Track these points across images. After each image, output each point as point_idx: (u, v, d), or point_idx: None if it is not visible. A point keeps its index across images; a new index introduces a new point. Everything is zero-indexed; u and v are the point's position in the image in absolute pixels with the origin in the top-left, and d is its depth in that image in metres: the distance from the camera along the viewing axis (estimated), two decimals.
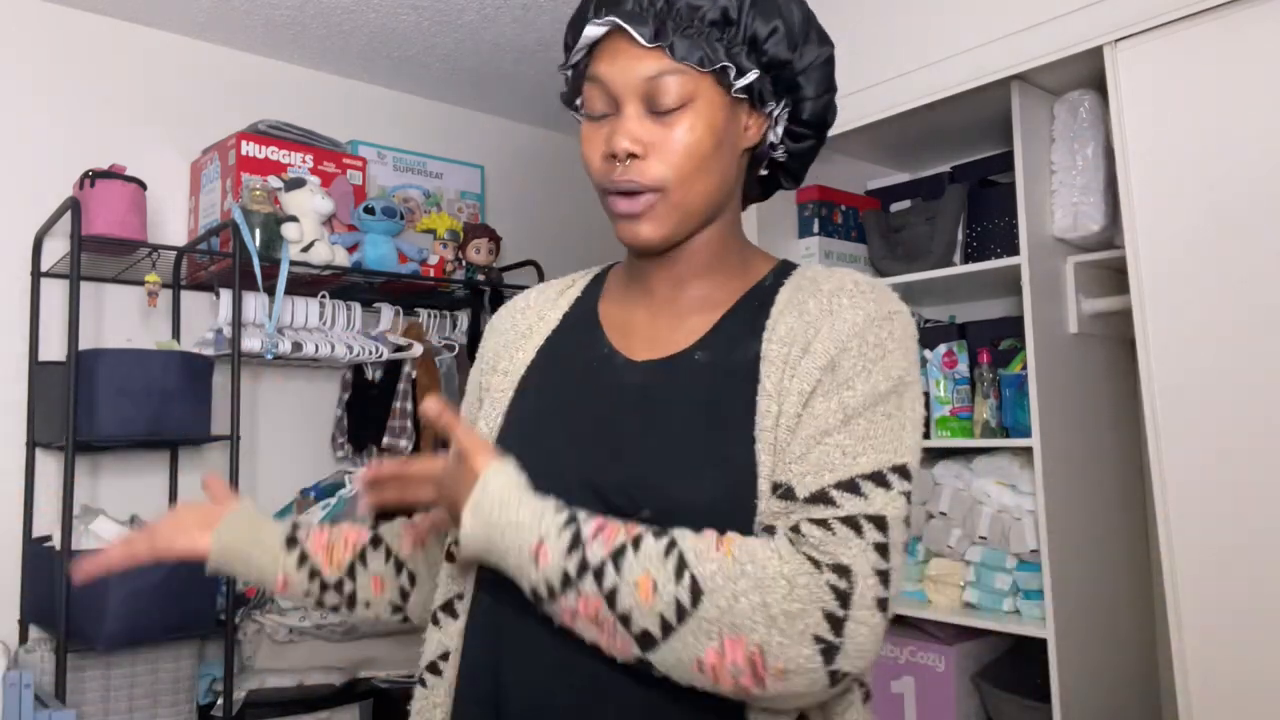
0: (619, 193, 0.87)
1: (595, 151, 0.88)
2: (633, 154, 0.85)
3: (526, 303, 1.05)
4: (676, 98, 0.84)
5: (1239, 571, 1.47)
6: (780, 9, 0.87)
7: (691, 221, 0.89)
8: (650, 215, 0.87)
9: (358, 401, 2.81)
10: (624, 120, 0.86)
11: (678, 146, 0.85)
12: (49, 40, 2.51)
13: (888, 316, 0.86)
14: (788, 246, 2.28)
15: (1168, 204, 1.58)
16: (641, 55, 0.84)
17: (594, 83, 0.88)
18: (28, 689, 1.85)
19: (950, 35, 1.89)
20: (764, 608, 0.74)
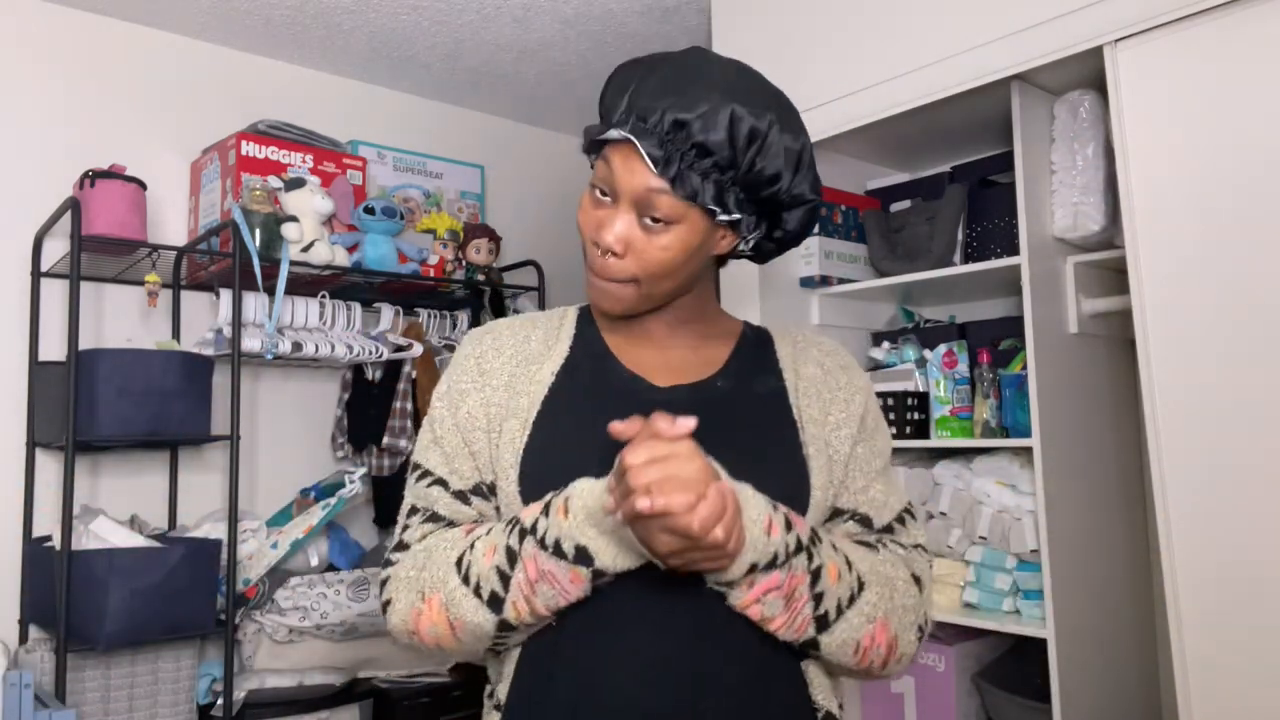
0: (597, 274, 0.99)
1: (587, 227, 0.98)
2: (614, 252, 0.96)
3: (527, 331, 1.07)
4: (665, 215, 0.94)
5: (1239, 571, 1.47)
6: (782, 160, 0.94)
7: (654, 304, 1.01)
8: (620, 299, 0.99)
9: (358, 401, 2.81)
10: (615, 219, 0.95)
11: (654, 257, 0.95)
12: (49, 40, 2.51)
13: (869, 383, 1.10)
14: None
15: (1168, 204, 1.57)
16: (647, 171, 0.93)
17: (604, 163, 0.97)
18: (28, 689, 1.86)
19: (950, 35, 1.88)
20: (902, 604, 0.96)
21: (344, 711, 2.41)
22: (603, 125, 0.97)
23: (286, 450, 2.81)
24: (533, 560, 0.88)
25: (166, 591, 2.11)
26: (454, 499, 1.00)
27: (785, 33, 2.21)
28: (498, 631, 0.91)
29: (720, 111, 0.91)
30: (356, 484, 2.50)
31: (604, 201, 0.96)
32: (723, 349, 1.07)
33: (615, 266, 0.96)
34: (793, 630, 0.90)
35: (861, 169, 2.44)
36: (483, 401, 1.01)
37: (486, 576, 0.90)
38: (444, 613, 0.92)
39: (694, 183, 0.92)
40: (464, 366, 1.05)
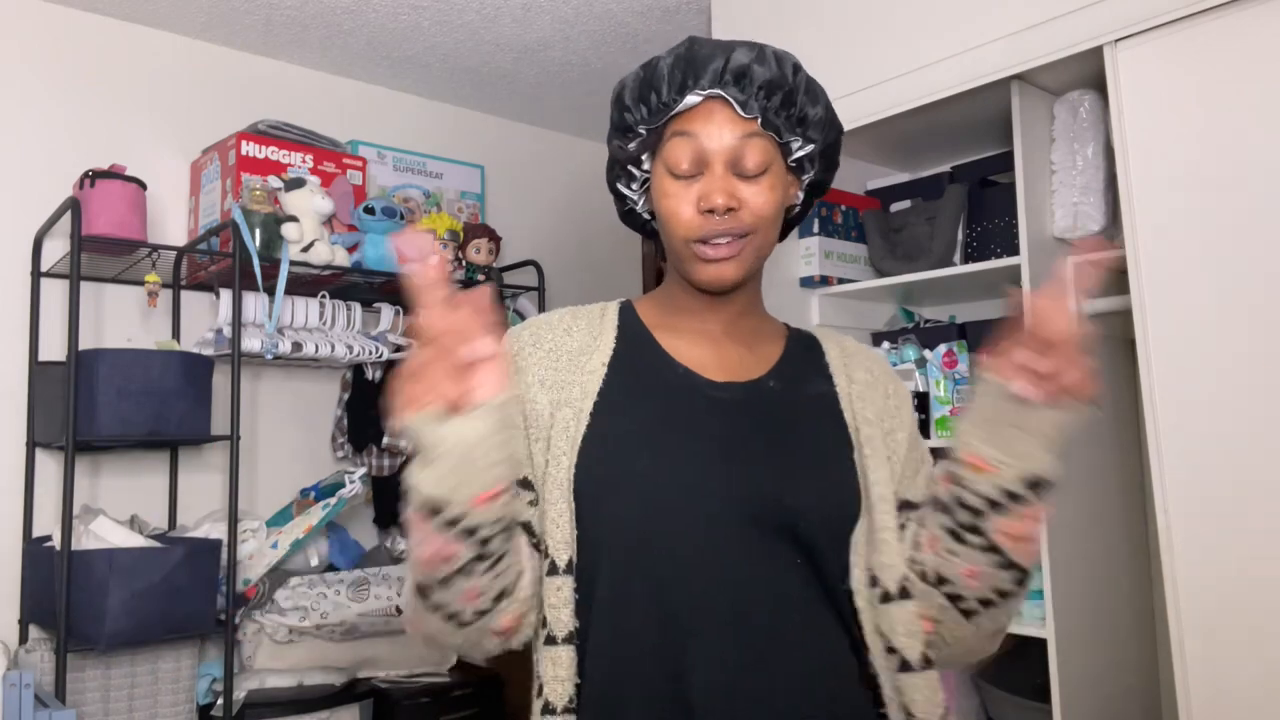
0: (712, 243, 0.97)
1: (687, 206, 0.97)
2: (731, 208, 0.95)
3: (566, 324, 1.05)
4: (761, 162, 0.96)
5: (1239, 571, 1.47)
6: (819, 96, 1.01)
7: (759, 266, 1.03)
8: (739, 259, 0.98)
9: (358, 401, 2.81)
10: (717, 179, 0.96)
11: (763, 202, 0.97)
12: (49, 40, 2.51)
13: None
14: (788, 246, 2.28)
15: (1168, 204, 1.57)
16: (734, 121, 0.96)
17: (685, 139, 0.97)
18: (28, 689, 1.85)
19: (950, 35, 1.88)
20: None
21: (344, 711, 2.41)
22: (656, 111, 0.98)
23: (286, 450, 2.81)
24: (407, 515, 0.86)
25: (166, 591, 2.11)
26: None
27: (785, 33, 2.21)
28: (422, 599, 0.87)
29: (761, 52, 0.97)
30: (356, 484, 2.50)
31: (690, 179, 0.97)
32: (774, 349, 1.08)
33: (733, 222, 0.96)
34: (1030, 557, 0.93)
35: (861, 169, 2.44)
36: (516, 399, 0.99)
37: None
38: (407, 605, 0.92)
39: (773, 120, 0.96)
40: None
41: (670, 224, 0.99)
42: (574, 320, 1.06)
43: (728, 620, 0.91)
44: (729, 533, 0.93)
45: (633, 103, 1.00)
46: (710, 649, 0.91)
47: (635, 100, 1.00)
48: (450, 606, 0.88)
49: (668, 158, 0.98)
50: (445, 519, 0.82)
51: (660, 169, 0.99)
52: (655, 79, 0.98)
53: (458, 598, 0.87)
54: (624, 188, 1.07)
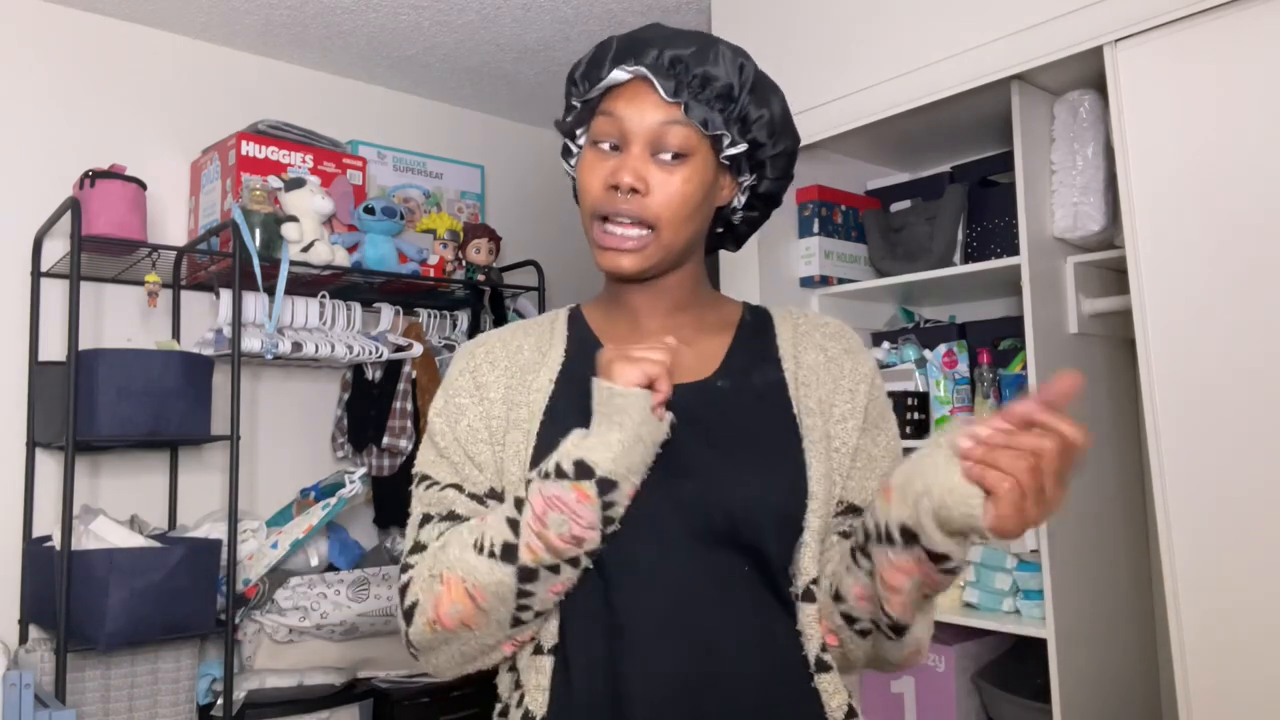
0: (614, 221, 0.97)
1: (597, 179, 0.97)
2: (635, 189, 0.95)
3: (518, 341, 1.05)
4: (680, 148, 0.95)
5: (1239, 571, 1.47)
6: (769, 100, 1.00)
7: (669, 260, 1.00)
8: (640, 254, 0.97)
9: (358, 401, 2.81)
10: (631, 158, 0.95)
11: (675, 191, 0.95)
12: (49, 40, 2.51)
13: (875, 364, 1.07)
14: (788, 246, 2.28)
15: (1168, 204, 1.58)
16: (658, 105, 0.95)
17: (608, 117, 0.97)
18: (28, 689, 1.85)
19: (950, 35, 1.88)
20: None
21: (344, 711, 2.41)
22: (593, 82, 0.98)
23: (286, 450, 2.81)
24: (538, 494, 0.87)
25: (166, 591, 2.11)
26: (470, 499, 0.98)
27: (785, 33, 2.21)
28: (520, 583, 0.88)
29: (713, 48, 0.97)
30: (356, 484, 2.50)
31: (610, 154, 0.97)
32: (721, 340, 1.05)
33: (636, 206, 0.95)
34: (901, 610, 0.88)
35: (861, 169, 2.44)
36: (482, 414, 1.00)
37: (497, 532, 0.89)
38: (461, 585, 0.89)
39: (702, 111, 0.95)
40: (459, 382, 1.03)
41: (582, 195, 1.00)
42: (524, 337, 1.06)
43: (672, 634, 0.91)
44: (674, 546, 0.92)
45: (578, 78, 1.01)
46: (651, 663, 0.90)
47: (581, 76, 1.01)
48: (535, 599, 0.90)
49: (593, 132, 0.99)
50: (610, 499, 0.86)
51: (587, 143, 1.00)
52: (598, 56, 0.99)
53: (550, 589, 0.90)
54: (566, 165, 1.08)
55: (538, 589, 0.89)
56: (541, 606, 0.91)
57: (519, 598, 0.89)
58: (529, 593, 0.89)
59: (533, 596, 0.89)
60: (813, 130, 2.09)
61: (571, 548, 0.87)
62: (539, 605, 0.90)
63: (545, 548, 0.87)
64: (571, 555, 0.88)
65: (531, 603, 0.90)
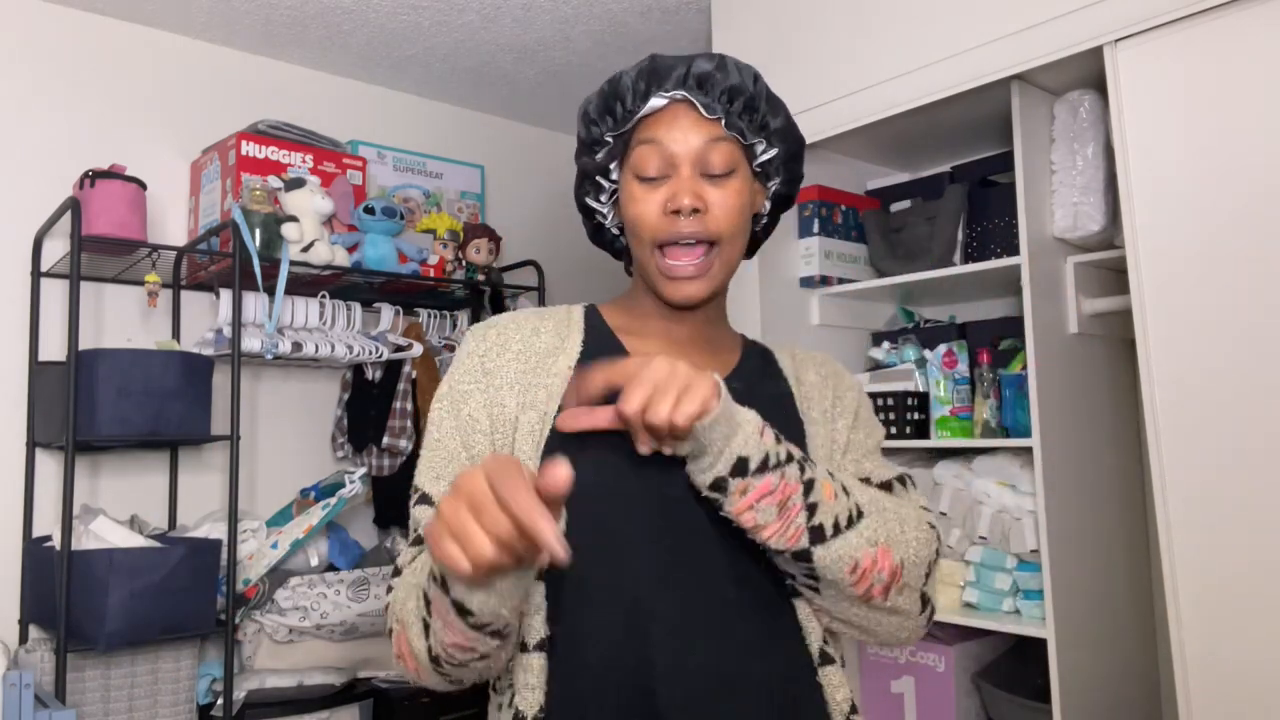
0: (679, 245, 0.98)
1: (653, 208, 0.98)
2: (697, 209, 0.97)
3: (534, 325, 1.04)
4: (727, 164, 0.98)
5: (1239, 571, 1.47)
6: (779, 107, 1.04)
7: (727, 278, 1.03)
8: (706, 274, 0.99)
9: (358, 401, 2.81)
10: (685, 180, 0.97)
11: (730, 205, 0.98)
12: (49, 40, 2.51)
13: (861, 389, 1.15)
14: (788, 246, 2.28)
15: (1168, 204, 1.58)
16: (698, 124, 0.98)
17: (651, 145, 0.98)
18: (28, 689, 1.85)
19: (950, 35, 1.89)
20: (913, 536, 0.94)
21: (344, 711, 2.41)
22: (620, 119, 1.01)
23: (286, 450, 2.81)
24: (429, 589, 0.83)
25: (166, 591, 2.11)
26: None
27: (785, 33, 2.21)
28: (433, 666, 0.86)
29: (722, 62, 0.99)
30: (356, 484, 2.50)
31: (657, 184, 0.98)
32: (733, 354, 1.11)
33: (699, 225, 0.97)
34: (785, 538, 0.87)
35: (861, 169, 2.44)
36: (486, 402, 0.98)
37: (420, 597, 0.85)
38: (405, 638, 0.88)
39: (737, 124, 0.99)
40: (466, 365, 1.01)
41: (638, 227, 1.00)
42: (541, 321, 1.05)
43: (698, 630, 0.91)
44: (690, 538, 0.93)
45: (598, 116, 1.02)
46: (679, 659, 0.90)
47: (600, 113, 1.02)
48: (461, 675, 0.89)
49: (635, 164, 1.00)
50: (479, 626, 0.80)
51: (628, 177, 1.01)
52: (619, 90, 1.01)
53: (476, 674, 0.89)
54: (593, 202, 1.08)
55: (458, 674, 0.88)
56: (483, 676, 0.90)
57: (442, 677, 0.88)
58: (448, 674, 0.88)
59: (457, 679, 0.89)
60: (813, 130, 2.09)
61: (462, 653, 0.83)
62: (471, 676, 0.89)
63: (445, 646, 0.83)
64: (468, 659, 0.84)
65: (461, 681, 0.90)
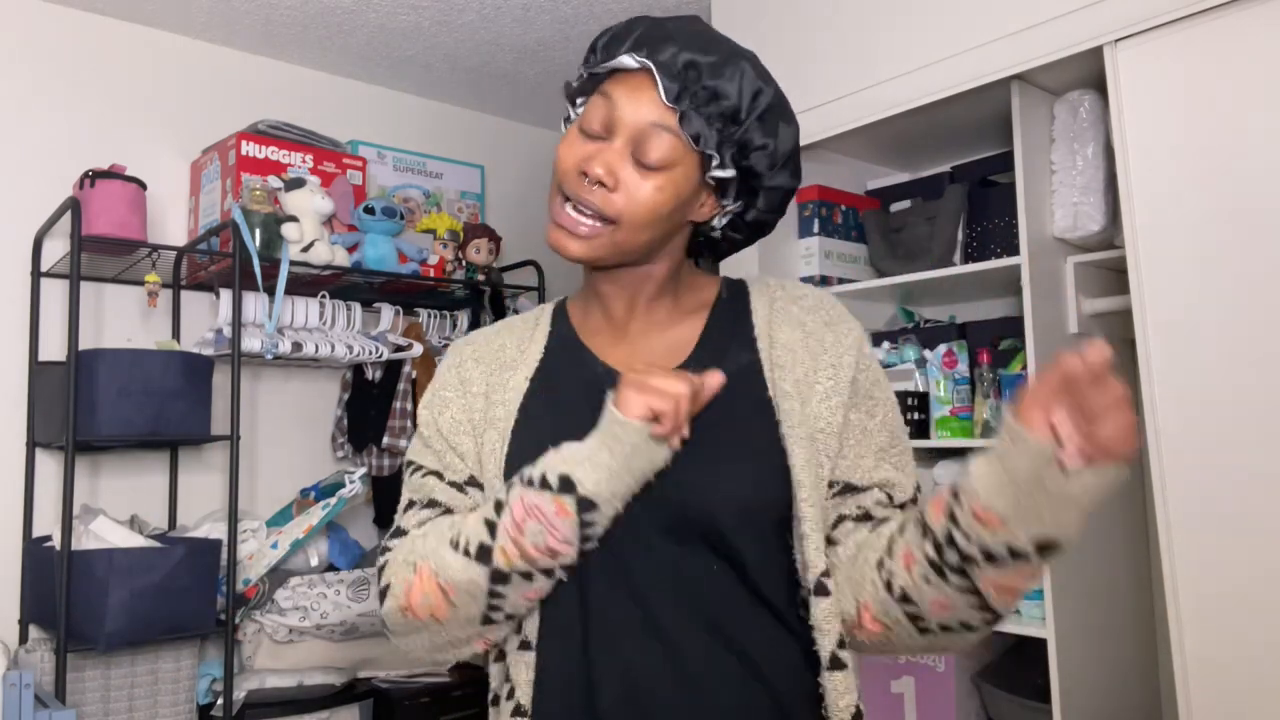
0: (575, 206, 0.94)
1: (571, 159, 0.94)
2: (603, 183, 0.91)
3: (502, 340, 1.07)
4: (662, 157, 0.91)
5: (1239, 571, 1.47)
6: (777, 131, 0.95)
7: (622, 259, 0.97)
8: (589, 241, 0.94)
9: (358, 401, 2.81)
10: (610, 150, 0.92)
11: (644, 197, 0.92)
12: (49, 40, 2.51)
13: (864, 332, 1.02)
14: (788, 246, 2.28)
15: (1168, 204, 1.58)
16: (654, 103, 0.91)
17: (605, 99, 0.94)
18: (28, 689, 1.85)
19: (950, 35, 1.89)
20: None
21: (344, 711, 2.41)
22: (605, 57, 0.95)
23: (286, 450, 2.81)
24: (519, 501, 0.86)
25: (166, 591, 2.11)
26: (449, 487, 0.99)
27: (785, 33, 2.21)
28: (491, 584, 0.88)
29: (734, 63, 0.92)
30: (356, 484, 2.50)
31: (594, 139, 0.94)
32: (693, 327, 1.02)
33: (599, 198, 0.92)
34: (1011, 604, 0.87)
35: (861, 169, 2.44)
36: (465, 408, 1.01)
37: (474, 532, 0.89)
38: (434, 579, 0.90)
39: (698, 124, 0.91)
40: (445, 377, 1.05)
41: (555, 168, 0.97)
42: (507, 335, 1.07)
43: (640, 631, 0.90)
44: (646, 543, 0.90)
45: (600, 48, 0.97)
46: (621, 661, 0.90)
47: (603, 46, 0.97)
48: (506, 601, 0.89)
49: (586, 112, 0.96)
50: (589, 518, 0.85)
51: (575, 121, 0.99)
52: (625, 31, 0.95)
53: (523, 595, 0.90)
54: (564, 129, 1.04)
55: (509, 592, 0.89)
56: (513, 610, 0.91)
57: (490, 598, 0.89)
58: (500, 594, 0.89)
59: (503, 599, 0.90)
60: (813, 130, 2.09)
61: (545, 558, 0.87)
62: (510, 608, 0.91)
63: (520, 554, 0.86)
64: (545, 566, 0.87)
65: (502, 604, 0.90)
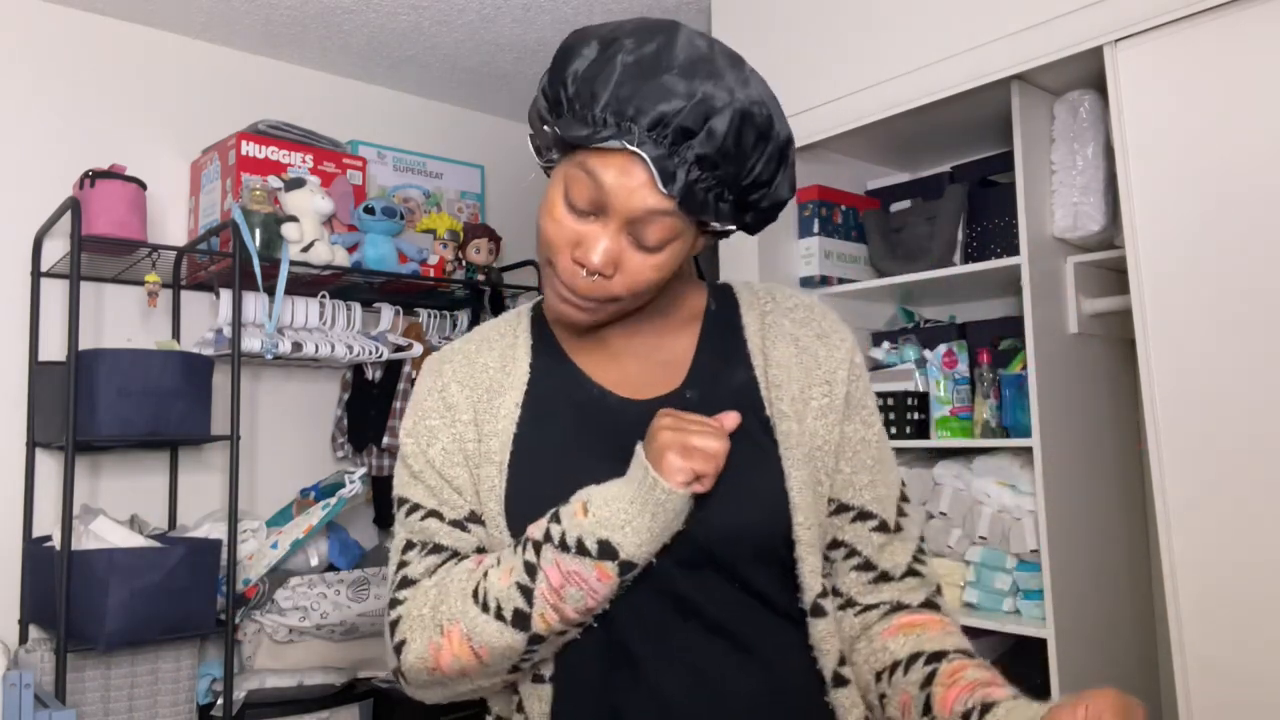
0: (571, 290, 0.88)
1: (563, 242, 0.87)
2: (603, 274, 0.86)
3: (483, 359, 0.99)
4: (662, 239, 0.86)
5: (1239, 571, 1.47)
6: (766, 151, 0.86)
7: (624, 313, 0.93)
8: (594, 314, 0.90)
9: (358, 401, 2.81)
10: (606, 236, 0.85)
11: (645, 278, 0.87)
12: (49, 40, 2.51)
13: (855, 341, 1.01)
14: (788, 246, 2.28)
15: (1168, 204, 1.58)
16: (651, 192, 0.83)
17: (590, 179, 0.84)
18: (28, 689, 1.85)
19: (950, 35, 1.89)
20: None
21: (344, 711, 2.41)
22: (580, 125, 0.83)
23: (286, 450, 2.81)
24: (554, 566, 0.84)
25: (166, 591, 2.11)
26: (452, 528, 0.94)
27: (785, 33, 2.21)
28: (529, 646, 0.88)
29: (726, 113, 0.82)
30: (356, 484, 2.50)
31: (582, 216, 0.86)
32: (687, 341, 0.98)
33: (600, 288, 0.87)
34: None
35: (861, 169, 2.44)
36: (455, 437, 0.95)
37: (507, 596, 0.86)
38: (466, 643, 0.87)
39: (699, 198, 0.84)
40: (427, 403, 0.98)
41: (542, 242, 0.89)
42: (488, 352, 0.99)
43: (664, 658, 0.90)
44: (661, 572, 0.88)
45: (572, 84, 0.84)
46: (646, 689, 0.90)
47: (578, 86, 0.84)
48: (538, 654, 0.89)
49: (569, 184, 0.86)
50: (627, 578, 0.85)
51: (559, 184, 0.87)
52: (598, 84, 0.83)
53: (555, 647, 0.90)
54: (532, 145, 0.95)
55: (544, 649, 0.89)
56: (541, 659, 0.92)
57: (525, 656, 0.89)
58: (534, 651, 0.89)
59: (536, 654, 0.90)
60: (813, 130, 2.09)
61: (585, 618, 0.87)
62: (540, 658, 0.91)
63: (560, 619, 0.86)
64: (582, 622, 0.88)
65: (534, 658, 0.90)
